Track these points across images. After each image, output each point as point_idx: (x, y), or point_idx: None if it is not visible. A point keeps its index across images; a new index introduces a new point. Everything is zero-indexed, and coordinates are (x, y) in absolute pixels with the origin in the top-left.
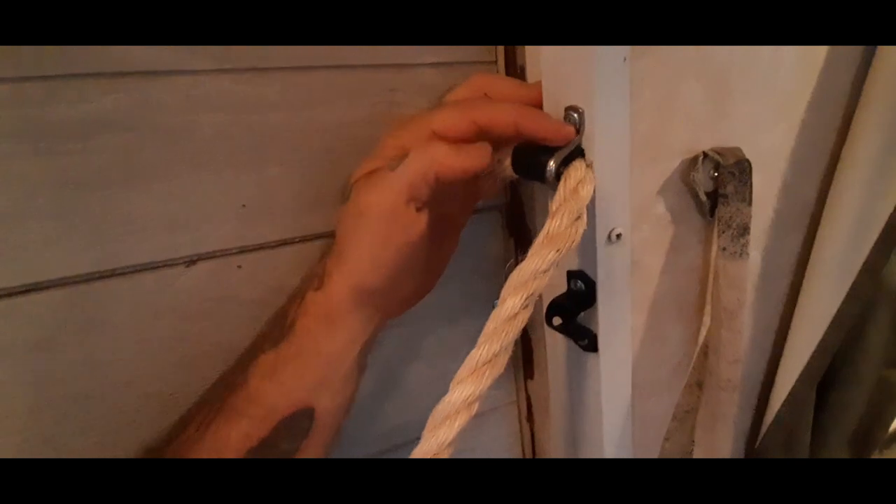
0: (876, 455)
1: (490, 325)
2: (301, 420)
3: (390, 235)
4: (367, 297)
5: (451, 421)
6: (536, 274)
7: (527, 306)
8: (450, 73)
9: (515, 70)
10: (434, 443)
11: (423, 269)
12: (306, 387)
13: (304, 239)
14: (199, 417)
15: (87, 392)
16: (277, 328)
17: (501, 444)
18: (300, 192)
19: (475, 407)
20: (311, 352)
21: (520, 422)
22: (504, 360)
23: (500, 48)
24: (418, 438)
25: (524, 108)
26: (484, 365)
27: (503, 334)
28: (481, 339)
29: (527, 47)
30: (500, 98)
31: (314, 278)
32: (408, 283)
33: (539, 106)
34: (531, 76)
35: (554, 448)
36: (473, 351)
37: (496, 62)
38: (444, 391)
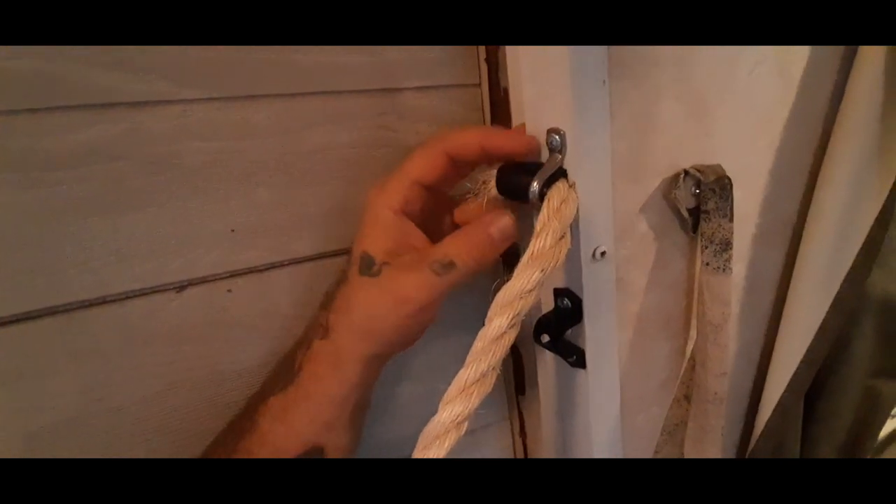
0: None
1: (478, 345)
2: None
3: (420, 320)
4: (376, 350)
5: (441, 441)
6: (522, 293)
7: (514, 325)
8: (436, 97)
9: (499, 91)
10: None
11: None
12: (315, 428)
13: (294, 262)
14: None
15: (81, 418)
16: (285, 373)
17: None
18: (289, 216)
19: (465, 426)
20: (319, 394)
21: (513, 437)
22: (492, 379)
23: (484, 70)
24: (408, 456)
25: (487, 128)
26: (472, 384)
27: (490, 354)
28: (469, 358)
29: (510, 70)
30: (492, 149)
31: (318, 328)
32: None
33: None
34: (514, 98)
35: None
36: (462, 371)
37: (480, 84)
38: (434, 409)
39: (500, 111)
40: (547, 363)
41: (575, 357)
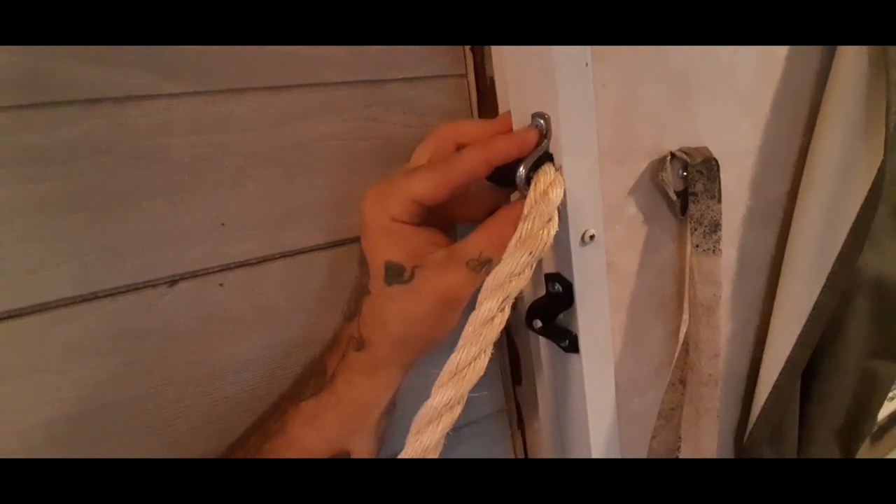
0: (866, 446)
1: (468, 329)
2: None
3: (456, 316)
4: (414, 356)
5: (434, 425)
6: (511, 277)
7: (503, 309)
8: (422, 87)
9: (485, 81)
10: (418, 447)
11: None
12: (345, 433)
13: (285, 255)
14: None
15: (73, 414)
16: (316, 379)
17: (494, 452)
18: (279, 209)
19: (457, 410)
20: (352, 401)
21: (511, 428)
22: (483, 362)
23: (470, 61)
24: (403, 444)
25: (485, 145)
26: (464, 368)
27: (482, 337)
28: (460, 342)
29: (494, 59)
30: (470, 142)
31: (350, 340)
32: None
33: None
34: (500, 86)
35: (545, 452)
36: (453, 355)
37: (466, 75)
38: (427, 397)
39: (487, 100)
40: (542, 351)
41: (567, 342)
